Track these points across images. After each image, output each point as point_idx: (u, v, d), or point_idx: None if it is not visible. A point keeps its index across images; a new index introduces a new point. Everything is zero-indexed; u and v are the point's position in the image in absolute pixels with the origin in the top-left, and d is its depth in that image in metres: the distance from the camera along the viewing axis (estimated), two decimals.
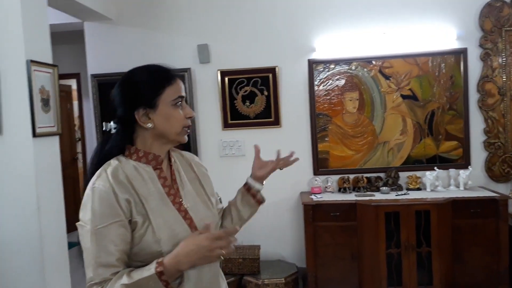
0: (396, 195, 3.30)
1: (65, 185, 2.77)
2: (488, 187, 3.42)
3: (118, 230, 1.08)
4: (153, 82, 1.17)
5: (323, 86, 3.57)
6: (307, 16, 3.57)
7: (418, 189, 3.46)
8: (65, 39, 4.36)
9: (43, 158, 2.47)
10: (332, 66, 3.55)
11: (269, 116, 3.64)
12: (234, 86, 3.65)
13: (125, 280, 1.04)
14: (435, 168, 3.41)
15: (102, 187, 1.09)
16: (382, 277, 3.11)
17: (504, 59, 3.40)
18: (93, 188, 1.10)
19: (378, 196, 3.32)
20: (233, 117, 3.68)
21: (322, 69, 3.57)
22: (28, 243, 2.41)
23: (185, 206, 1.20)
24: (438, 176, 3.40)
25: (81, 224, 1.10)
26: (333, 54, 3.54)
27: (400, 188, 3.47)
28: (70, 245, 2.86)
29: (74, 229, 1.17)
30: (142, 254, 1.11)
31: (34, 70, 2.34)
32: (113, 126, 1.19)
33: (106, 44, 3.76)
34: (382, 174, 3.54)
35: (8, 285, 2.36)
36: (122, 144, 1.20)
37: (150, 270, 1.05)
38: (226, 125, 3.69)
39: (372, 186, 3.50)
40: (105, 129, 1.21)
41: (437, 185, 3.41)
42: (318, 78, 3.57)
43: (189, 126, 1.21)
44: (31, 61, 2.32)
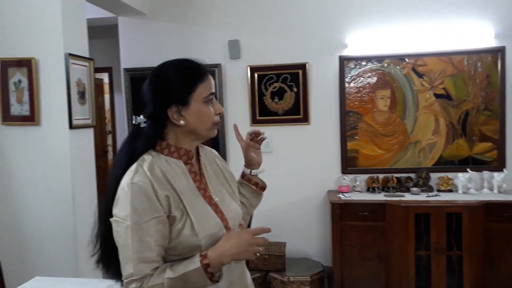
0: (426, 196, 3.23)
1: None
2: None
3: (157, 226, 1.08)
4: (185, 79, 1.16)
5: (354, 83, 3.53)
6: (340, 12, 3.53)
7: (450, 190, 3.38)
8: (98, 34, 4.46)
9: (79, 150, 2.54)
10: (363, 63, 3.50)
11: (297, 113, 3.63)
12: (264, 82, 3.64)
13: (169, 274, 1.05)
14: (468, 169, 3.32)
15: (141, 183, 1.09)
16: (410, 279, 3.06)
17: None
18: (131, 183, 1.08)
19: (408, 196, 3.26)
20: (261, 113, 3.68)
21: (353, 66, 3.52)
22: (63, 231, 2.50)
23: (215, 199, 1.22)
24: (471, 178, 3.31)
25: (117, 220, 1.09)
26: (365, 51, 3.49)
27: (431, 189, 3.40)
28: None
29: (99, 221, 1.17)
30: (180, 248, 1.11)
31: (72, 63, 2.41)
32: (142, 120, 1.18)
33: (139, 38, 3.82)
34: (412, 175, 3.47)
35: (43, 270, 2.44)
36: (154, 139, 1.19)
37: (194, 263, 1.06)
38: (254, 121, 3.69)
39: (402, 186, 3.44)
40: (134, 122, 1.20)
41: (469, 187, 3.32)
42: (349, 75, 3.53)
43: (218, 122, 1.22)
44: (69, 54, 2.39)
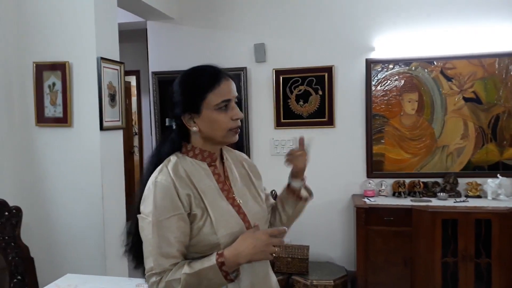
0: (454, 202, 3.17)
1: None
2: None
3: (178, 223, 1.12)
4: (196, 88, 1.18)
5: (381, 87, 3.49)
6: (367, 15, 3.51)
7: (478, 196, 3.30)
8: (127, 37, 4.56)
9: (108, 151, 2.61)
10: (391, 66, 3.47)
11: (322, 115, 3.62)
12: (289, 85, 3.65)
13: (186, 269, 1.09)
14: (498, 175, 3.24)
15: (164, 182, 1.14)
16: (437, 286, 3.00)
17: None
18: (155, 182, 1.15)
19: (435, 202, 3.20)
20: (286, 116, 3.69)
21: (380, 69, 3.49)
22: (92, 230, 2.57)
23: (238, 201, 1.24)
24: (501, 184, 3.22)
25: (142, 216, 1.15)
26: (392, 53, 3.45)
27: (458, 194, 3.33)
28: None
29: (129, 218, 1.24)
30: (200, 246, 1.15)
31: (104, 67, 2.48)
32: (172, 122, 1.26)
33: (167, 42, 3.90)
34: (439, 180, 3.41)
35: (73, 267, 2.52)
36: (179, 141, 1.25)
37: (211, 260, 1.09)
38: (278, 123, 3.70)
39: (428, 191, 3.38)
40: (167, 124, 1.27)
41: (499, 193, 3.23)
42: (376, 78, 3.50)
43: (235, 128, 1.21)
44: (101, 58, 2.47)
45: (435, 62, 3.39)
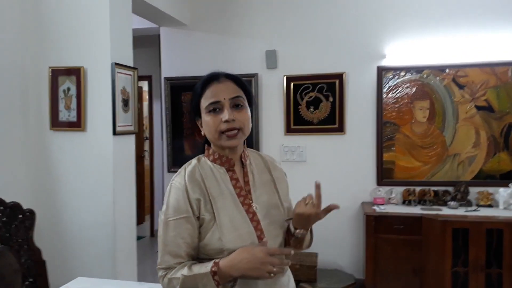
0: (465, 211, 3.14)
1: None
2: None
3: (186, 225, 1.17)
4: (194, 94, 1.26)
5: (392, 94, 3.49)
6: (378, 22, 3.51)
7: (490, 206, 3.27)
8: (139, 43, 4.62)
9: (121, 155, 2.64)
10: (402, 73, 3.46)
11: (333, 122, 3.62)
12: (299, 91, 3.67)
13: (185, 271, 1.14)
14: (510, 185, 3.21)
15: (178, 184, 1.20)
16: None
17: None
18: (171, 183, 1.22)
19: (445, 211, 3.18)
20: (296, 122, 3.70)
21: (391, 76, 3.48)
22: (103, 233, 2.59)
23: (254, 208, 1.23)
24: None
25: (160, 213, 1.23)
26: (403, 61, 3.45)
27: (469, 203, 3.30)
28: (137, 237, 3.02)
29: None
30: (207, 249, 1.18)
31: (118, 72, 2.52)
32: None
33: (179, 48, 3.94)
34: (450, 188, 3.38)
35: (83, 270, 2.55)
36: (203, 144, 1.31)
37: (207, 267, 1.12)
38: (288, 130, 3.71)
39: (439, 200, 3.36)
40: None
41: (511, 203, 3.20)
42: (387, 86, 3.49)
43: (227, 130, 1.19)
44: (116, 63, 2.50)
45: (447, 70, 3.38)
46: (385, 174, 3.53)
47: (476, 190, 3.35)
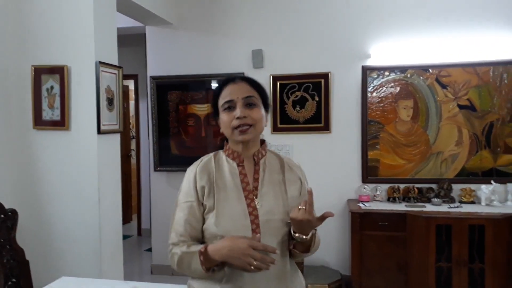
0: (448, 208, 3.20)
1: None
2: None
3: (190, 208, 1.30)
4: (214, 94, 1.39)
5: (377, 93, 3.53)
6: (363, 22, 3.55)
7: (472, 202, 3.34)
8: (125, 42, 4.60)
9: (106, 154, 2.63)
10: (386, 73, 3.51)
11: (318, 121, 3.65)
12: (286, 91, 3.69)
13: (184, 248, 1.27)
14: (492, 181, 3.27)
15: (190, 172, 1.36)
16: None
17: None
18: (187, 171, 1.38)
19: (429, 207, 3.23)
20: (282, 121, 3.72)
21: (376, 76, 3.53)
22: (88, 233, 2.57)
23: (256, 203, 1.29)
24: (495, 190, 3.26)
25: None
26: (388, 61, 3.50)
27: (452, 200, 3.36)
28: (124, 236, 3.01)
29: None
30: (206, 233, 1.30)
31: (102, 71, 2.51)
32: None
33: (165, 47, 3.93)
34: (434, 185, 3.44)
35: (68, 270, 2.52)
36: (222, 141, 1.43)
37: (198, 248, 1.24)
38: (275, 129, 3.73)
39: (423, 197, 3.41)
40: None
41: (493, 199, 3.27)
42: (372, 85, 3.54)
43: (239, 126, 1.29)
44: (100, 62, 2.49)
45: (431, 70, 3.44)
46: (370, 172, 3.57)
47: (459, 187, 3.41)
